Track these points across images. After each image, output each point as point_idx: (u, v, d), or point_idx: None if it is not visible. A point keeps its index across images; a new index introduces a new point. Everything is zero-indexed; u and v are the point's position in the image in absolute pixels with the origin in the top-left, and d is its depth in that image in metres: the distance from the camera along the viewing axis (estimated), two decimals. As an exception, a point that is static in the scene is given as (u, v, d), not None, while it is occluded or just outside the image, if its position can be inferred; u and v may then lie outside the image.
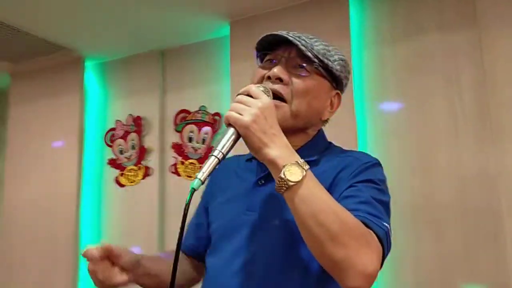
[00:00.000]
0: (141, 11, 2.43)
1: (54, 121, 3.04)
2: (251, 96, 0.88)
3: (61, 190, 2.89)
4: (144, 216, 2.74)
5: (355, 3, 2.28)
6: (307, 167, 0.83)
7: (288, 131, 0.98)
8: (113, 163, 2.89)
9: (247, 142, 0.86)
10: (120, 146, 2.88)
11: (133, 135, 2.84)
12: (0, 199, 3.38)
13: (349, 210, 0.85)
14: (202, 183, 0.82)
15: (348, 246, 0.79)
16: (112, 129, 2.92)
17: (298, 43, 0.97)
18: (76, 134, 2.93)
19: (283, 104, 0.98)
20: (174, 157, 2.73)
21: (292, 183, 0.80)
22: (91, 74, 3.11)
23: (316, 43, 1.01)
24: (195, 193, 0.79)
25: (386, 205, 0.93)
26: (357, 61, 2.26)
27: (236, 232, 1.00)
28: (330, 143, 1.12)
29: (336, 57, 1.03)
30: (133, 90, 2.86)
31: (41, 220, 2.92)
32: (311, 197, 0.81)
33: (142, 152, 2.80)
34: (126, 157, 2.85)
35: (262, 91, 0.90)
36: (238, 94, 0.88)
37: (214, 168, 0.84)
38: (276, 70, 0.98)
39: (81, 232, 2.87)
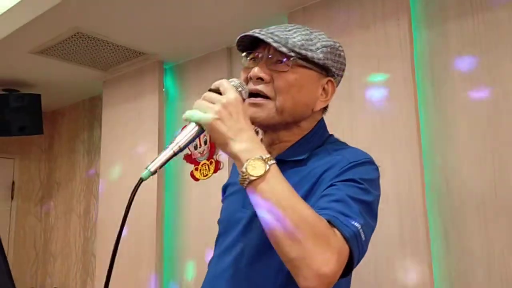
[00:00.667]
0: (207, 11, 2.55)
1: (137, 122, 3.29)
2: (219, 91, 0.88)
3: (145, 184, 3.11)
4: (216, 208, 2.84)
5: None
6: (271, 162, 0.82)
7: (279, 127, 1.02)
8: (188, 158, 3.05)
9: (212, 138, 0.86)
10: (195, 142, 3.03)
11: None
12: (97, 193, 3.74)
13: (320, 208, 0.85)
14: (152, 174, 0.83)
15: (304, 244, 0.77)
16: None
17: (270, 40, 0.96)
18: (156, 133, 3.14)
19: (267, 101, 0.98)
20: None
21: (254, 178, 0.80)
22: (169, 77, 3.32)
23: (294, 35, 1.00)
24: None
25: (366, 204, 0.89)
26: (419, 40, 2.14)
27: (232, 229, 1.04)
28: (329, 136, 1.09)
29: (318, 44, 1.01)
30: (204, 88, 2.98)
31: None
32: (272, 192, 0.80)
33: (213, 147, 2.92)
34: (199, 152, 2.99)
35: (234, 86, 0.91)
36: (209, 89, 0.89)
37: (168, 160, 0.85)
38: (256, 70, 0.98)
39: (164, 225, 3.06)
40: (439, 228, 1.99)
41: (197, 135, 0.87)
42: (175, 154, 0.85)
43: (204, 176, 2.95)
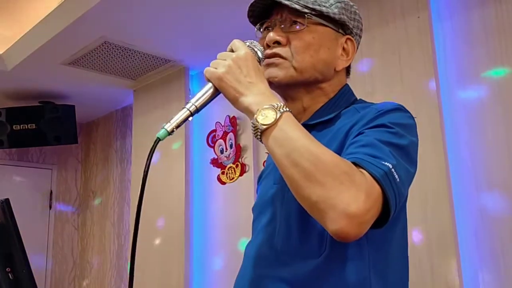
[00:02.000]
0: (231, 17, 2.59)
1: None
2: (232, 51, 0.87)
3: (173, 189, 3.16)
4: (243, 211, 2.85)
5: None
6: (284, 109, 0.79)
7: (300, 90, 0.98)
8: (215, 162, 3.07)
9: (224, 95, 0.84)
10: (221, 146, 3.05)
11: (230, 135, 3.00)
12: (126, 198, 3.82)
13: (347, 155, 0.80)
14: (169, 133, 0.82)
15: (325, 184, 0.72)
16: (213, 131, 3.11)
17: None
18: (183, 140, 3.19)
19: (282, 60, 0.94)
20: (266, 152, 2.80)
21: (265, 126, 0.78)
22: (195, 83, 3.37)
23: None
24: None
25: (398, 147, 0.82)
26: (441, 32, 2.09)
27: (265, 209, 0.98)
28: (357, 99, 1.02)
29: (331, 1, 0.97)
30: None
31: (156, 216, 3.22)
32: (285, 138, 0.77)
33: (238, 150, 2.93)
34: (225, 156, 3.01)
35: (248, 45, 0.89)
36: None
37: (184, 120, 0.83)
38: (271, 34, 0.95)
39: (191, 228, 3.09)
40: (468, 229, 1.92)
41: (213, 95, 0.85)
42: (191, 114, 0.83)
43: (231, 179, 2.96)
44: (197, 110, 0.84)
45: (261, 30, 1.01)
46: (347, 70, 1.05)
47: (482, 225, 1.86)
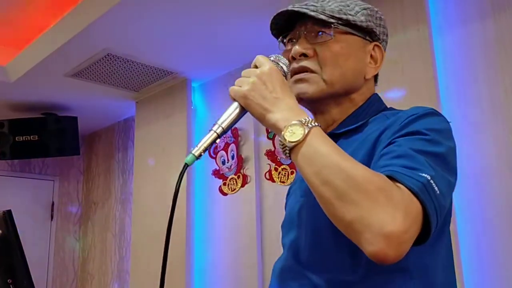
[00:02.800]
0: (233, 29, 2.61)
1: (168, 140, 3.35)
2: (256, 67, 0.84)
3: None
4: (244, 222, 2.85)
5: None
6: (312, 124, 0.75)
7: (330, 103, 0.94)
8: (216, 173, 3.08)
9: (251, 113, 0.82)
10: (223, 157, 3.06)
11: (232, 146, 3.00)
12: (127, 210, 3.81)
13: (380, 167, 0.75)
14: (197, 158, 0.79)
15: (359, 203, 0.66)
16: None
17: (306, 10, 0.90)
18: (185, 151, 3.19)
19: (312, 74, 0.91)
20: (268, 164, 2.81)
21: (293, 144, 0.74)
22: (198, 94, 3.39)
23: (329, 3, 0.93)
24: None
25: (435, 156, 0.75)
26: (440, 44, 2.11)
27: (293, 224, 0.94)
28: (389, 108, 0.98)
29: (357, 8, 0.94)
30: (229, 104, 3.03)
31: (160, 225, 3.22)
32: (315, 155, 0.73)
33: (240, 161, 2.94)
34: (227, 167, 3.02)
35: (272, 60, 0.87)
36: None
37: (212, 143, 0.80)
38: (297, 47, 0.92)
39: (192, 239, 3.08)
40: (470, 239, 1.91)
41: (240, 114, 0.82)
42: (218, 136, 0.81)
43: (232, 190, 2.96)
44: (224, 131, 0.81)
45: (285, 42, 0.98)
46: (375, 77, 1.02)
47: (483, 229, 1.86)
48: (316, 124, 0.76)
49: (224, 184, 3.02)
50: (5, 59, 3.26)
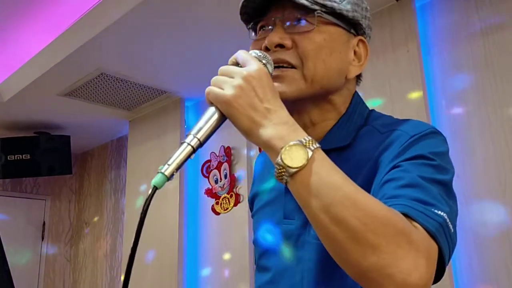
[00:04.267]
0: (226, 49, 2.64)
1: (161, 159, 3.33)
2: (238, 65, 0.69)
3: (167, 220, 3.15)
4: (236, 242, 2.84)
5: (422, 6, 2.20)
6: (315, 146, 0.63)
7: (308, 104, 0.81)
8: (209, 192, 3.07)
9: (235, 124, 0.66)
10: (215, 176, 3.06)
11: (225, 165, 3.01)
12: (120, 229, 3.78)
13: (387, 198, 0.65)
14: (168, 179, 0.65)
15: (378, 248, 0.57)
16: (208, 161, 3.12)
17: None
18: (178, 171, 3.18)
19: (292, 70, 0.76)
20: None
21: (294, 170, 0.61)
22: (191, 114, 3.41)
23: None
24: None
25: (444, 186, 0.68)
26: (430, 65, 2.14)
27: (277, 251, 0.82)
28: (371, 112, 0.87)
29: None
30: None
31: (148, 247, 3.19)
32: (322, 185, 0.61)
33: (233, 180, 2.94)
34: (220, 186, 3.01)
35: (255, 56, 0.71)
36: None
37: (187, 159, 0.65)
38: (273, 36, 0.76)
39: (184, 258, 3.06)
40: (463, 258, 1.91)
41: (219, 122, 0.66)
42: (194, 150, 0.65)
43: (225, 210, 2.95)
44: (201, 144, 0.66)
45: (256, 29, 0.83)
46: (357, 76, 0.88)
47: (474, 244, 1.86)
48: (318, 145, 0.63)
49: (217, 203, 3.01)
50: (-2, 78, 3.27)
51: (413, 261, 0.57)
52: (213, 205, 3.03)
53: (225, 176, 3.00)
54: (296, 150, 0.61)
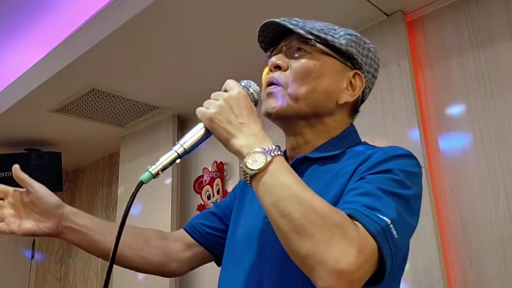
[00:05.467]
0: (219, 65, 2.64)
1: (162, 177, 3.30)
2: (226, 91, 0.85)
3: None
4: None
5: (413, 21, 2.21)
6: (275, 153, 0.75)
7: (299, 122, 0.93)
8: (202, 208, 3.04)
9: (216, 136, 0.82)
10: (208, 192, 3.03)
11: (218, 181, 2.98)
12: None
13: (344, 203, 0.76)
14: (154, 176, 0.80)
15: (314, 238, 0.67)
16: (200, 177, 3.09)
17: (286, 23, 0.92)
18: (170, 187, 3.15)
19: (278, 88, 0.92)
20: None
21: (254, 172, 0.74)
22: (184, 130, 3.39)
23: (314, 23, 0.95)
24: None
25: (401, 199, 0.76)
26: (422, 81, 2.15)
27: (251, 242, 0.92)
28: (363, 142, 0.99)
29: (342, 33, 0.95)
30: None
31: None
32: (275, 185, 0.72)
33: (226, 196, 2.91)
34: (212, 202, 2.98)
35: (243, 85, 0.88)
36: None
37: (172, 163, 0.80)
38: (273, 59, 0.94)
39: (176, 278, 3.01)
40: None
41: (205, 136, 0.83)
42: (179, 156, 0.81)
43: (217, 226, 2.92)
44: (186, 152, 0.82)
45: (269, 56, 1.00)
46: (355, 110, 1.02)
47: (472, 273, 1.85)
48: (279, 153, 0.76)
49: (209, 219, 2.97)
50: (-12, 94, 3.24)
51: (344, 250, 0.65)
52: (205, 222, 2.99)
53: (218, 192, 2.97)
54: (258, 156, 0.75)
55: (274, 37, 0.98)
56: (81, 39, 2.48)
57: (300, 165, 0.93)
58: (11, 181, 3.50)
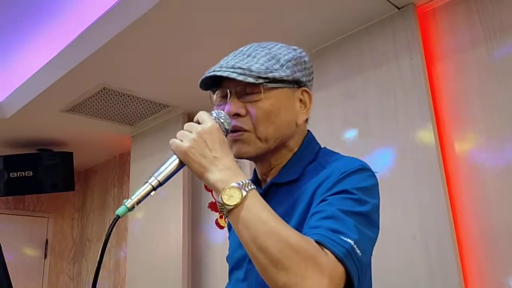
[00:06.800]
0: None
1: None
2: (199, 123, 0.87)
3: (171, 234, 3.11)
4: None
5: (424, 14, 2.19)
6: (249, 188, 0.79)
7: (268, 154, 0.99)
8: (213, 206, 3.04)
9: (190, 169, 0.84)
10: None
11: (228, 179, 2.98)
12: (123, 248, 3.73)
13: (310, 228, 0.81)
14: (129, 210, 0.82)
15: (290, 270, 0.72)
16: (211, 175, 3.09)
17: (234, 75, 0.92)
18: (181, 185, 3.15)
19: (246, 133, 0.94)
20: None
21: (230, 207, 0.77)
22: (193, 128, 3.39)
23: (255, 60, 0.96)
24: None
25: (361, 216, 0.83)
26: (434, 74, 2.12)
27: (237, 268, 1.00)
28: (321, 149, 1.04)
29: (282, 61, 0.97)
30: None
31: (156, 262, 3.15)
32: (252, 220, 0.76)
33: (237, 194, 2.90)
34: (223, 200, 2.98)
35: (215, 117, 0.89)
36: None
37: (146, 196, 0.83)
38: (230, 107, 0.94)
39: (189, 271, 3.02)
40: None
41: (178, 167, 0.84)
42: (154, 189, 0.83)
43: (229, 224, 2.91)
44: (160, 184, 0.84)
45: (217, 97, 1.00)
46: (307, 119, 1.05)
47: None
48: (253, 187, 0.79)
49: (221, 217, 2.98)
50: (0, 95, 3.26)
51: (317, 280, 0.72)
52: (216, 219, 3.00)
53: (229, 190, 2.96)
54: (234, 191, 0.77)
55: (214, 77, 0.97)
56: (91, 39, 2.49)
57: (268, 191, 0.99)
58: (24, 181, 3.52)
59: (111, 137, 3.78)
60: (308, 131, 1.06)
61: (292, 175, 0.97)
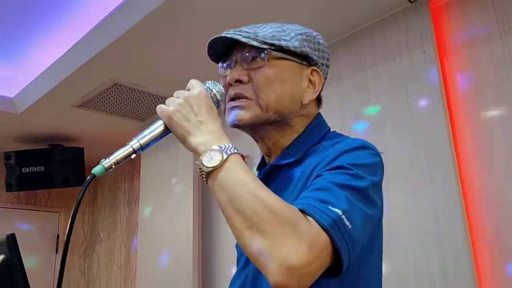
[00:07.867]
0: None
1: (173, 168, 3.33)
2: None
3: (180, 231, 3.12)
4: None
5: (437, 8, 2.16)
6: (232, 151, 0.76)
7: (268, 128, 0.94)
8: (223, 202, 3.04)
9: (174, 134, 0.82)
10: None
11: (239, 174, 2.97)
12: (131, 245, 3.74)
13: (300, 198, 0.76)
14: (106, 170, 0.79)
15: (266, 234, 0.67)
16: (222, 170, 3.09)
17: (238, 37, 0.91)
18: (191, 178, 3.17)
19: (249, 101, 0.91)
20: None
21: (209, 169, 0.74)
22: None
23: (264, 29, 0.94)
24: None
25: (356, 190, 0.77)
26: (447, 67, 2.10)
27: (242, 255, 0.96)
28: (328, 132, 0.98)
29: (292, 34, 0.95)
30: (236, 132, 3.02)
31: (166, 256, 3.16)
32: (230, 182, 0.72)
33: (247, 189, 2.90)
34: (234, 195, 2.98)
35: (207, 86, 0.88)
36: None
37: (125, 158, 0.81)
38: (232, 73, 0.93)
39: (200, 268, 3.03)
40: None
41: (163, 133, 0.83)
42: (134, 151, 0.81)
43: (239, 219, 2.91)
44: (142, 147, 0.81)
45: (224, 67, 0.99)
46: (318, 100, 1.01)
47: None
48: (236, 151, 0.76)
49: (231, 212, 2.97)
50: (12, 90, 3.29)
51: (294, 246, 0.66)
52: (227, 214, 2.99)
53: (239, 185, 2.96)
54: (215, 154, 0.75)
55: (224, 48, 0.97)
56: (102, 35, 2.50)
57: (270, 174, 0.95)
58: (36, 176, 3.55)
59: (121, 132, 3.79)
60: (319, 114, 1.00)
61: (294, 156, 0.92)
